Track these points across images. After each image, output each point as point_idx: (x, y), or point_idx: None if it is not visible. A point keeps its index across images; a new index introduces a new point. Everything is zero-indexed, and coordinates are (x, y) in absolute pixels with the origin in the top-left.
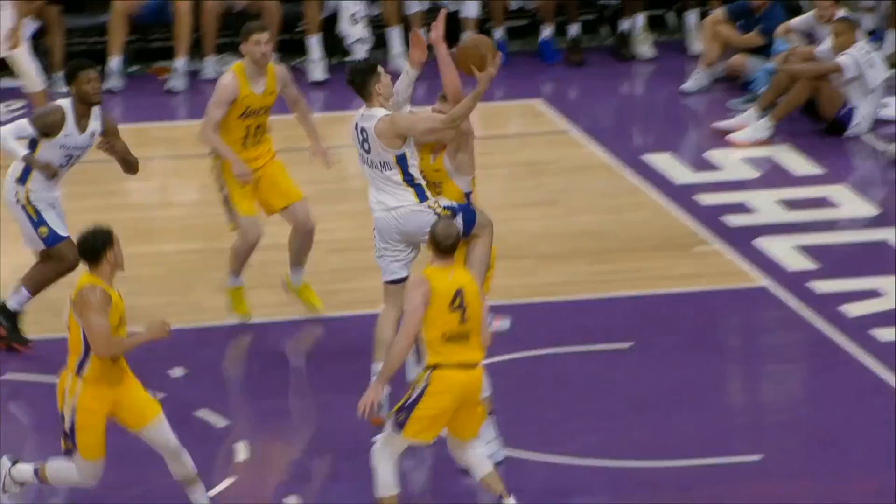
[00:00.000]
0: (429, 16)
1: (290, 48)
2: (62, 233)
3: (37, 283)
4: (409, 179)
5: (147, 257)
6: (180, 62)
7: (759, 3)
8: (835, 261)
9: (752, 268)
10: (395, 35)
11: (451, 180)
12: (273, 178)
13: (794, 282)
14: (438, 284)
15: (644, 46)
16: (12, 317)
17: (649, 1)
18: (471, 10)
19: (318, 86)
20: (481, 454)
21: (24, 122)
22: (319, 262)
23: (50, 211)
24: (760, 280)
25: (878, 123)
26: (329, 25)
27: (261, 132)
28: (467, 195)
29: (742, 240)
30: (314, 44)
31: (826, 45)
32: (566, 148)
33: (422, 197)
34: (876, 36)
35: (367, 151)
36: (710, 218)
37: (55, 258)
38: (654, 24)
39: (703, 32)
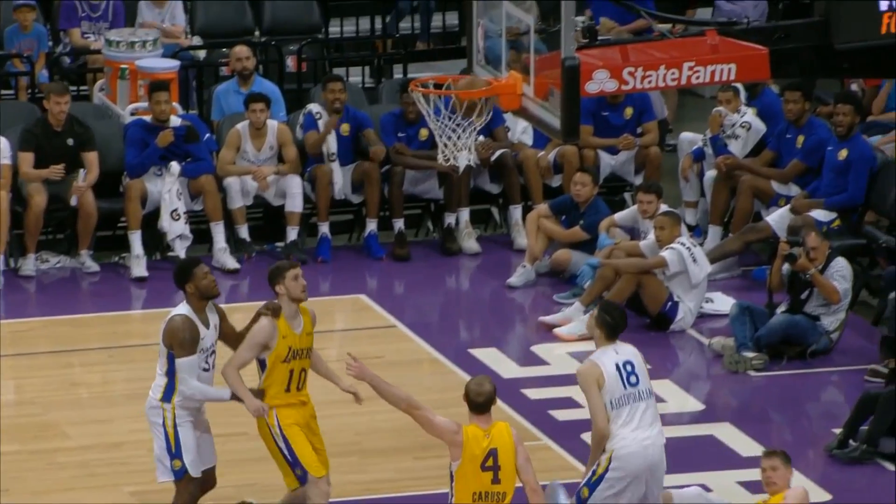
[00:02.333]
0: (250, 210)
1: (111, 244)
2: (195, 469)
3: None
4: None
5: None
6: None
7: (583, 199)
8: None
9: (580, 462)
10: (218, 230)
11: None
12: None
13: None
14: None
15: (469, 241)
16: None
17: (474, 195)
18: (295, 204)
19: (139, 282)
20: None
21: (182, 364)
22: (140, 461)
23: (193, 436)
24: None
25: (702, 318)
26: (150, 222)
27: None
28: None
29: (570, 434)
30: (135, 240)
31: (650, 239)
32: (392, 342)
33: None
34: (698, 231)
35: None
36: (538, 413)
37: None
38: (479, 219)
39: (527, 227)
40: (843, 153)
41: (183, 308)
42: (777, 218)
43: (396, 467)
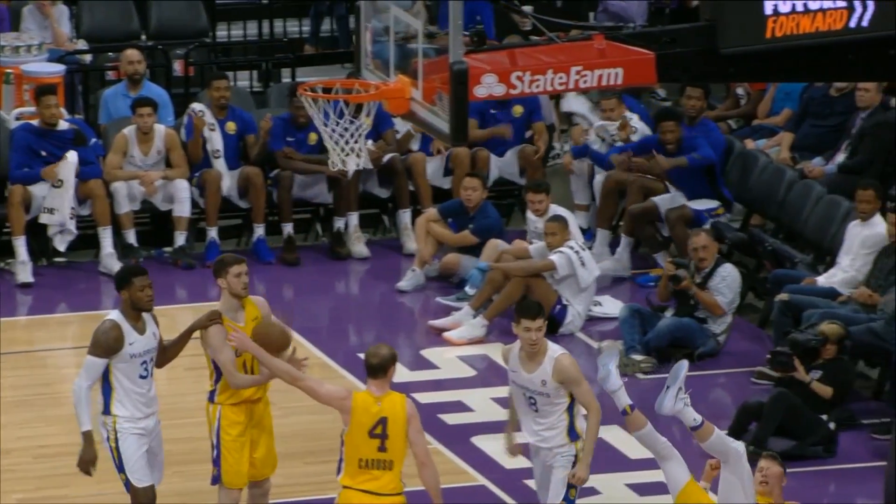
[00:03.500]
0: (138, 215)
1: None
2: (141, 483)
3: None
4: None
5: None
6: None
7: (473, 203)
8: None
9: (470, 466)
10: (106, 235)
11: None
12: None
13: (511, 480)
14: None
15: (359, 245)
16: None
17: (363, 200)
18: (183, 209)
19: (25, 288)
20: None
21: (88, 360)
22: (27, 468)
23: (136, 449)
24: (479, 478)
25: (591, 321)
26: (35, 228)
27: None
28: None
29: (459, 438)
30: (20, 246)
31: (539, 243)
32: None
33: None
34: (589, 234)
35: None
36: (428, 416)
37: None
38: (369, 223)
39: (416, 231)
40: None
41: (114, 313)
42: (662, 201)
43: (285, 472)
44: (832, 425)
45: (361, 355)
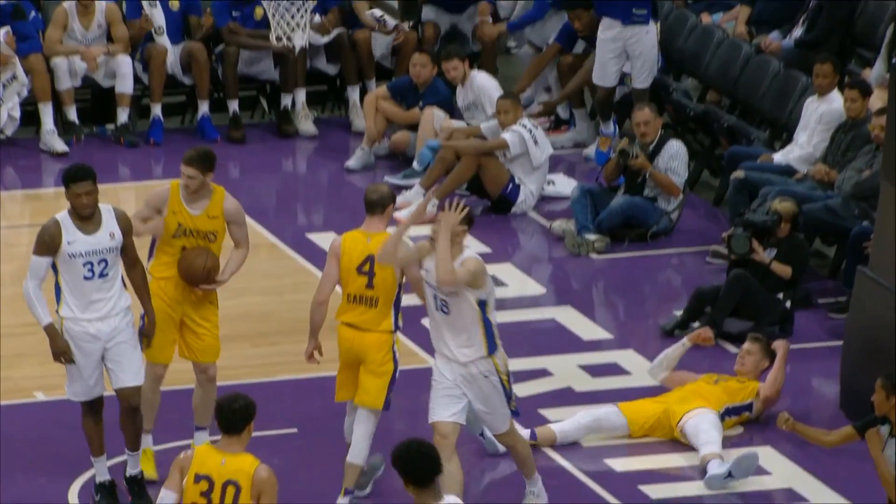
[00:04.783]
0: (79, 92)
1: None
2: (76, 397)
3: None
4: None
5: None
6: None
7: (422, 80)
8: (502, 341)
9: (420, 348)
10: (46, 112)
11: None
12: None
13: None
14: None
15: (306, 123)
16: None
17: (310, 76)
18: (126, 85)
19: None
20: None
21: (31, 259)
22: None
23: (77, 356)
24: (430, 360)
25: (544, 200)
26: None
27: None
28: None
29: (408, 321)
30: None
31: (492, 121)
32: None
33: None
34: (573, 123)
35: None
36: None
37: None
38: (316, 100)
39: (365, 109)
40: None
41: (63, 212)
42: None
43: (233, 354)
44: (788, 305)
45: (311, 236)
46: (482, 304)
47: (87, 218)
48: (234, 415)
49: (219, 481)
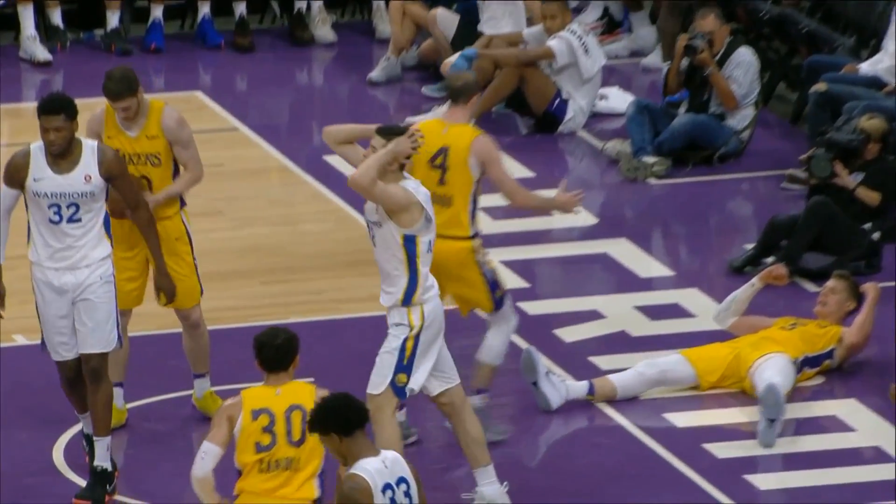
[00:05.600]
0: None
1: None
2: (53, 356)
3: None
4: None
5: None
6: None
7: None
8: (548, 278)
9: None
10: (27, 15)
11: None
12: None
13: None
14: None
15: (323, 28)
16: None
17: None
18: None
19: None
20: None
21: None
22: None
23: (42, 305)
24: None
25: (595, 118)
26: None
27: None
28: None
29: None
30: None
31: (536, 27)
32: (233, 148)
33: None
34: (626, 23)
35: None
36: None
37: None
38: (335, 3)
39: (391, 12)
40: None
41: (39, 142)
42: None
43: (238, 294)
44: (875, 236)
45: (328, 159)
46: (408, 243)
47: (59, 155)
48: (277, 352)
49: (280, 411)
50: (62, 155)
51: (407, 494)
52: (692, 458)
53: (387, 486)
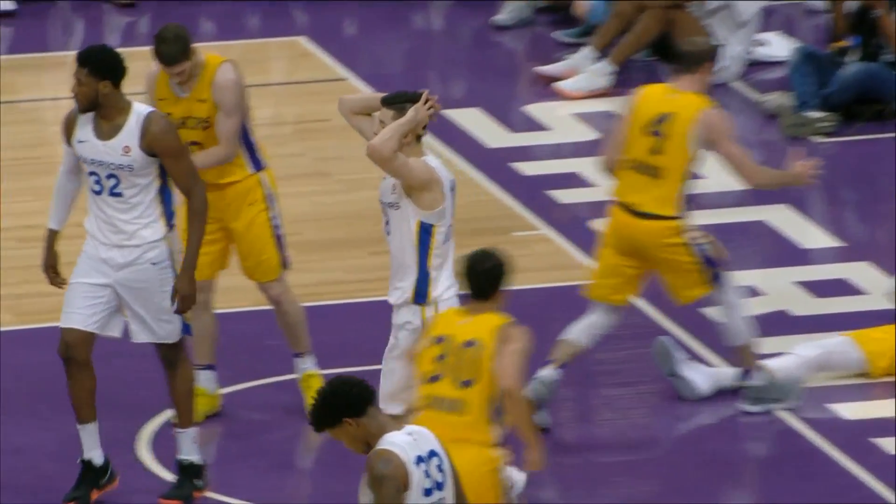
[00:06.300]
0: None
1: None
2: (62, 322)
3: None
4: None
5: None
6: None
7: None
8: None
9: (590, 258)
10: None
11: None
12: None
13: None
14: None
15: None
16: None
17: None
18: None
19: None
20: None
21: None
22: (10, 255)
23: (76, 275)
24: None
25: (753, 67)
26: None
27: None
28: None
29: (576, 222)
30: None
31: None
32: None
33: None
34: None
35: None
36: (534, 193)
37: None
38: None
39: None
40: None
41: None
42: None
43: (345, 265)
44: None
45: (447, 113)
46: (423, 232)
47: (104, 118)
48: (480, 277)
49: (455, 343)
50: (106, 117)
51: (440, 469)
52: (860, 453)
53: (419, 459)
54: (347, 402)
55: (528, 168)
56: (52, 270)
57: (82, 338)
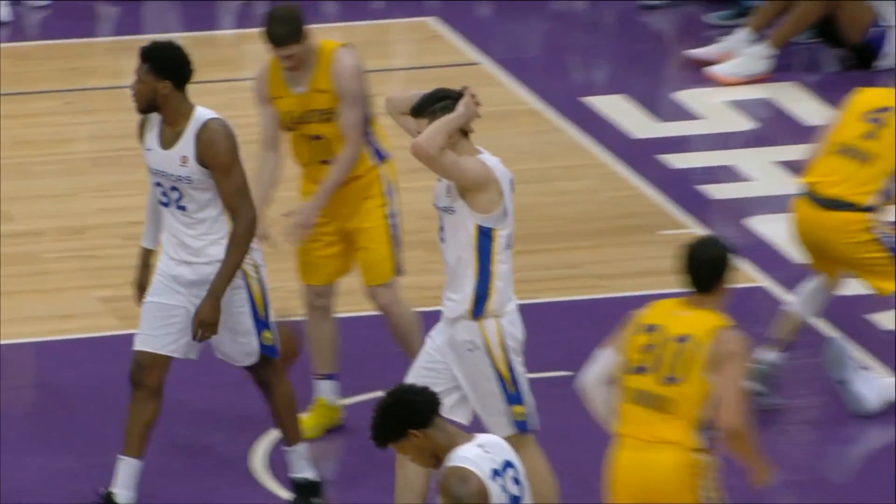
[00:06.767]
0: None
1: None
2: (135, 344)
3: None
4: None
5: None
6: None
7: None
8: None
9: (745, 259)
10: None
11: None
12: None
13: (795, 278)
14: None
15: None
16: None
17: None
18: None
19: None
20: None
21: None
22: (112, 253)
23: (151, 292)
24: (757, 278)
25: None
26: None
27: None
28: None
29: (729, 219)
30: None
31: None
32: (475, 87)
33: None
34: None
35: None
36: (683, 188)
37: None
38: None
39: None
40: None
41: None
42: None
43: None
44: None
45: (587, 101)
46: (483, 237)
47: (168, 124)
48: (698, 268)
49: (667, 334)
50: (169, 123)
51: (516, 481)
52: None
53: (494, 473)
54: (413, 412)
55: (678, 160)
56: (141, 290)
57: (156, 361)
